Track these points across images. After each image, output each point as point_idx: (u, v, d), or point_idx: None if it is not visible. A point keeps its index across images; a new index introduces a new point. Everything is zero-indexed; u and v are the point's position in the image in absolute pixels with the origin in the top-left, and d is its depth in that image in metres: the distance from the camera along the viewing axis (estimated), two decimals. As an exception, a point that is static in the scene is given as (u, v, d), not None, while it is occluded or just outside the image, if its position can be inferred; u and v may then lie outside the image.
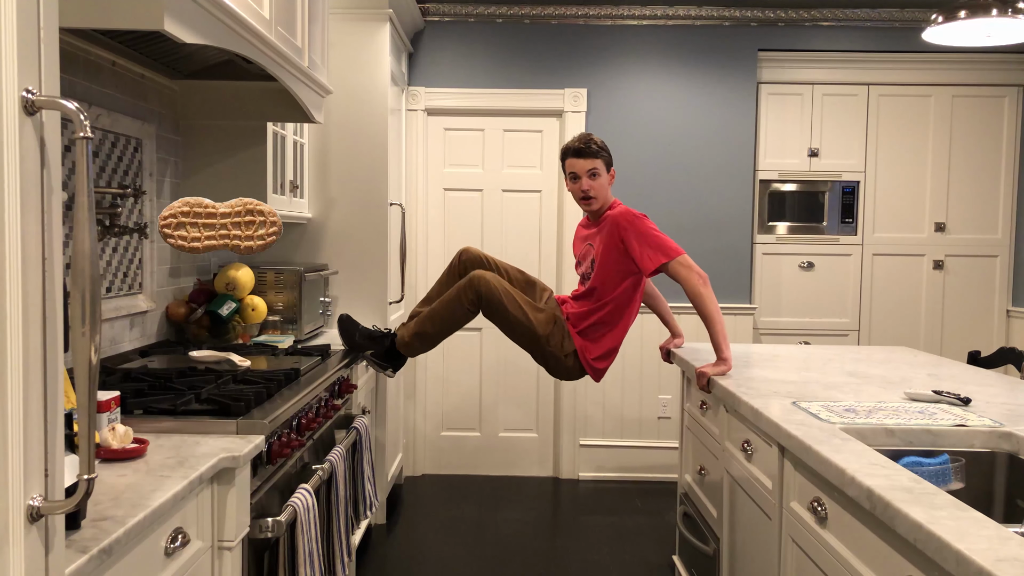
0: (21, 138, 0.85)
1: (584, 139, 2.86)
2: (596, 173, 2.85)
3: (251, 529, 1.68)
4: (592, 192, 2.86)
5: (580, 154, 2.84)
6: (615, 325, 2.93)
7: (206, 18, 1.77)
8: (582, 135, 2.90)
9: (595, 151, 2.85)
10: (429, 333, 2.86)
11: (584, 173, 2.84)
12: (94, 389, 0.95)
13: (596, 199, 2.87)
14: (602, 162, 2.86)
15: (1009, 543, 1.13)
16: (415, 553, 3.45)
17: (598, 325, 2.90)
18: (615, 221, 2.84)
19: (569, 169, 2.88)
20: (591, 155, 2.84)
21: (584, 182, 2.85)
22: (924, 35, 2.91)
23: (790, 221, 4.52)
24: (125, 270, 2.50)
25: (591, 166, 2.84)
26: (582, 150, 2.84)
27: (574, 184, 2.89)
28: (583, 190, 2.86)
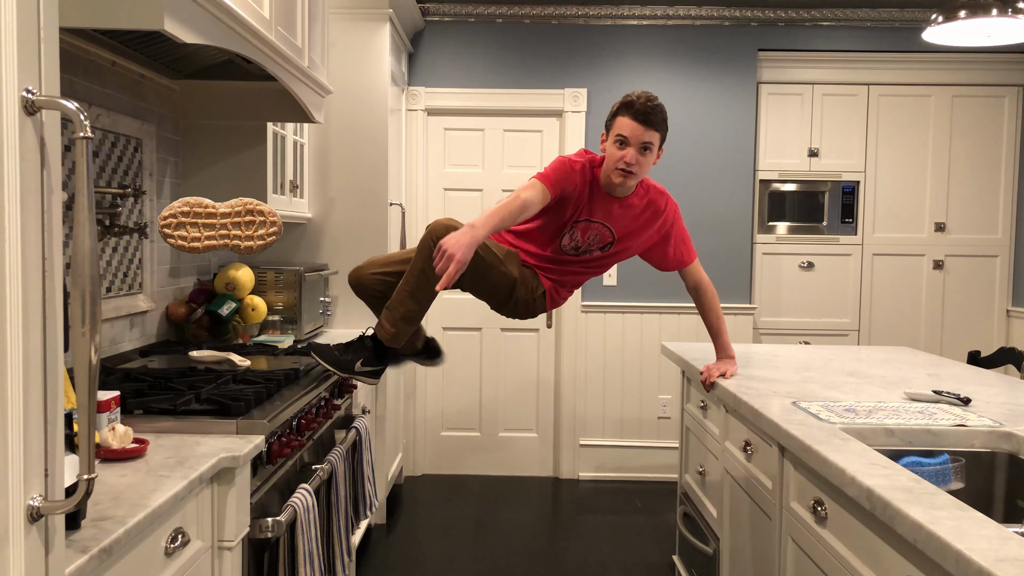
0: (21, 138, 0.85)
1: (651, 100, 2.31)
2: (649, 148, 2.33)
3: (251, 529, 1.68)
4: (636, 169, 2.33)
5: (642, 119, 2.30)
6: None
7: (206, 18, 1.77)
8: (646, 93, 2.33)
9: (660, 122, 2.33)
10: (413, 309, 2.26)
11: (637, 144, 2.31)
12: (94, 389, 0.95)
13: (635, 177, 2.36)
14: (660, 138, 2.35)
15: (1009, 543, 1.13)
16: (415, 553, 3.45)
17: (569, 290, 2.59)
18: (669, 212, 2.51)
19: (619, 130, 2.32)
20: (654, 125, 2.31)
21: (632, 154, 2.31)
22: (924, 35, 2.91)
23: (790, 221, 4.52)
24: (125, 270, 2.50)
25: (649, 139, 2.31)
26: (647, 115, 2.29)
27: (619, 150, 2.32)
28: (628, 163, 2.31)
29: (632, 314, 4.46)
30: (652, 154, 2.36)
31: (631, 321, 4.47)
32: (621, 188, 2.42)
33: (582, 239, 2.48)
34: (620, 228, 2.49)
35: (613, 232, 2.49)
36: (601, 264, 2.56)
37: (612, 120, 2.37)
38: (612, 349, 4.47)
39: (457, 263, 2.01)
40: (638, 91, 2.35)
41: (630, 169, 2.32)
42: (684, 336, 4.44)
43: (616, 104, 2.37)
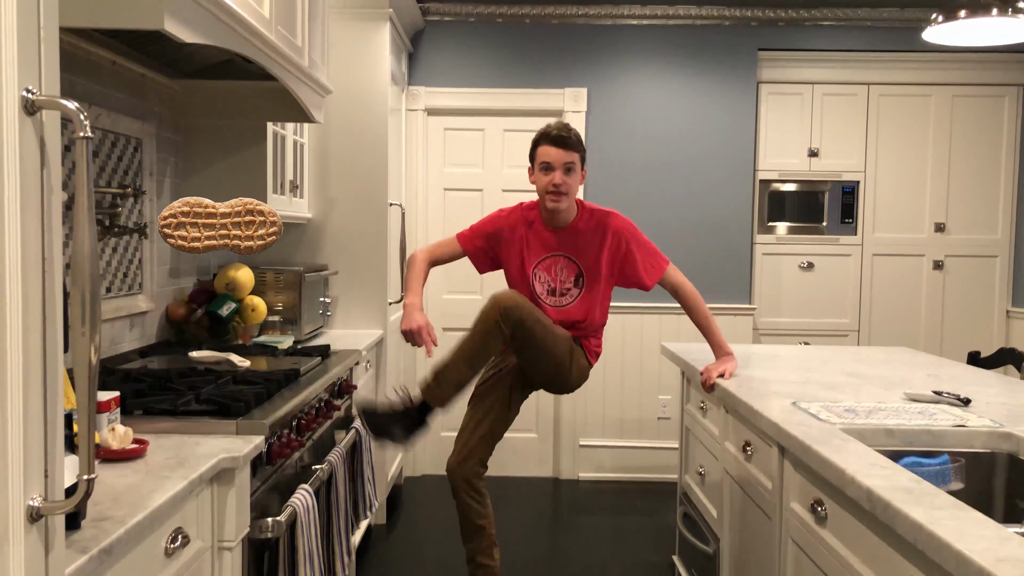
0: (21, 138, 0.85)
1: (564, 127, 2.55)
2: (572, 168, 2.53)
3: (251, 529, 1.68)
4: (565, 188, 2.52)
5: (560, 143, 2.51)
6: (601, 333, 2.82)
7: (206, 18, 1.77)
8: (560, 122, 2.58)
9: (575, 143, 2.54)
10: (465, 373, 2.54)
11: (560, 165, 2.51)
12: (94, 389, 0.95)
13: (567, 197, 2.54)
14: (579, 158, 2.56)
15: (1009, 543, 1.13)
16: (415, 553, 3.45)
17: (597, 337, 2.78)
18: (618, 227, 2.61)
19: (542, 158, 2.54)
20: (571, 147, 2.52)
21: (558, 175, 2.51)
22: (924, 35, 2.91)
23: (790, 221, 4.52)
24: (125, 270, 2.50)
25: (569, 159, 2.52)
26: (563, 139, 2.52)
27: (545, 176, 2.53)
28: (556, 184, 2.50)
29: (632, 314, 4.46)
30: (576, 173, 2.55)
31: (631, 321, 4.47)
32: (561, 215, 2.59)
33: (552, 279, 2.63)
34: (578, 254, 2.61)
35: (575, 260, 2.61)
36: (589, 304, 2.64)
37: (534, 152, 2.58)
38: (612, 349, 4.47)
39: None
40: (551, 122, 2.60)
41: (560, 189, 2.51)
42: (684, 336, 4.44)
43: (534, 139, 2.59)
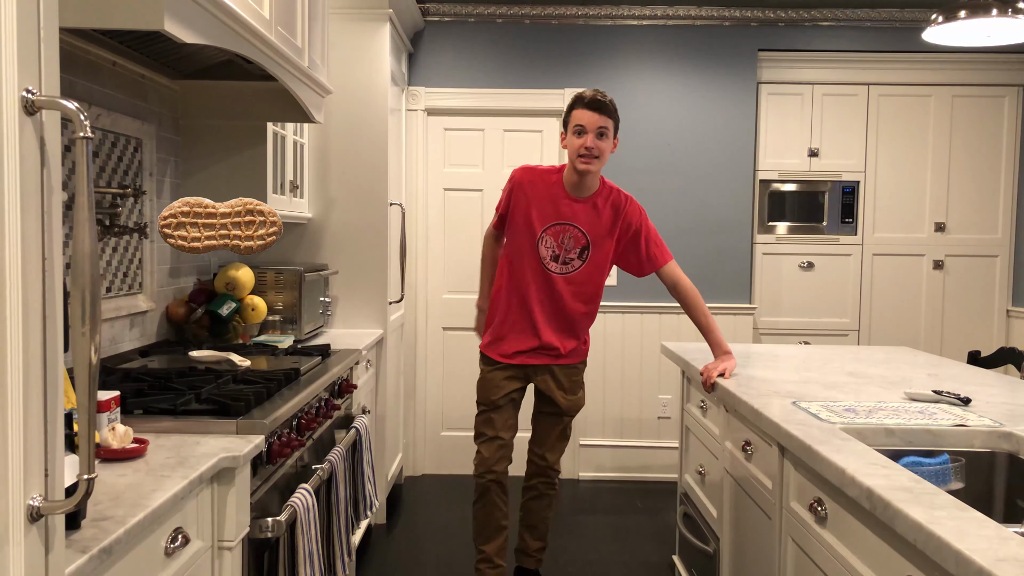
0: (21, 138, 0.85)
1: (600, 93, 2.58)
2: (605, 133, 2.57)
3: (251, 529, 1.68)
4: (596, 151, 2.56)
5: (595, 107, 2.55)
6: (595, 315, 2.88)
7: (206, 18, 1.77)
8: (598, 90, 2.61)
9: (610, 109, 2.57)
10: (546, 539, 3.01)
11: (593, 129, 2.55)
12: (94, 389, 0.95)
13: (598, 161, 2.57)
14: (613, 124, 2.59)
15: (1009, 543, 1.13)
16: (415, 553, 3.45)
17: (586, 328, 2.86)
18: (631, 211, 2.68)
19: (576, 121, 2.58)
20: (605, 112, 2.56)
21: (590, 139, 2.55)
22: (924, 35, 2.91)
23: (790, 221, 4.52)
24: (125, 270, 2.50)
25: (603, 123, 2.55)
26: (598, 104, 2.55)
27: (578, 139, 2.57)
28: (588, 147, 2.55)
29: (632, 314, 4.46)
30: (609, 140, 2.58)
31: (631, 321, 4.47)
32: (586, 182, 2.63)
33: (557, 245, 2.66)
34: (590, 228, 2.66)
35: (585, 233, 2.65)
36: (586, 279, 2.71)
37: (568, 116, 2.61)
38: (612, 349, 4.47)
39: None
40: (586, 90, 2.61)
41: (591, 153, 2.55)
42: (684, 336, 4.44)
43: (568, 104, 2.63)
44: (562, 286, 2.70)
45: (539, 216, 2.67)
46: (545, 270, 2.69)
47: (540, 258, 2.69)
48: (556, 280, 2.70)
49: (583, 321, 2.79)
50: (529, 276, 2.72)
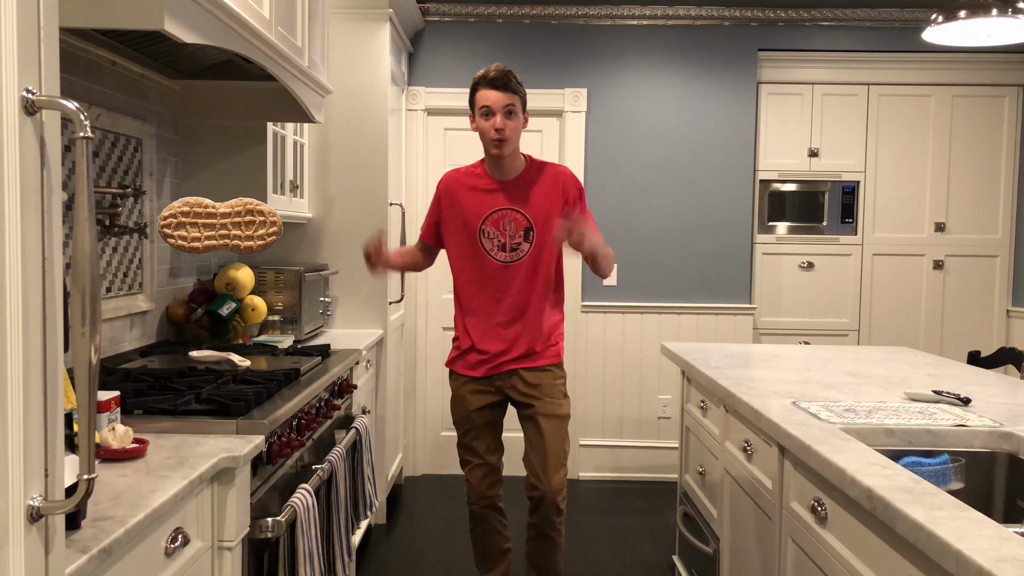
0: (21, 138, 0.85)
1: (501, 70, 2.45)
2: (513, 111, 2.45)
3: (251, 529, 1.68)
4: (507, 132, 2.44)
5: (496, 85, 2.43)
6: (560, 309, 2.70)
7: (206, 18, 1.77)
8: (498, 65, 2.47)
9: (514, 86, 2.45)
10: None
11: (500, 108, 2.43)
12: (94, 389, 0.95)
13: (509, 142, 2.46)
14: (520, 100, 2.47)
15: (1009, 543, 1.13)
16: (415, 553, 3.45)
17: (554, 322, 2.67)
18: (569, 183, 2.56)
19: (481, 103, 2.45)
20: (509, 89, 2.44)
21: (499, 119, 2.43)
22: (924, 35, 2.91)
23: (790, 221, 4.52)
24: (125, 270, 2.50)
25: (509, 101, 2.44)
26: (499, 81, 2.43)
27: (485, 121, 2.45)
28: (498, 127, 2.43)
29: (632, 314, 4.46)
30: (518, 116, 2.47)
31: (631, 321, 4.47)
32: (506, 163, 2.52)
33: (501, 233, 2.54)
34: (527, 206, 2.53)
35: (523, 213, 2.52)
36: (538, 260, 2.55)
37: (472, 97, 2.50)
38: (612, 349, 4.47)
39: None
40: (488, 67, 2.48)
41: (502, 135, 2.43)
42: (684, 336, 4.44)
43: (471, 85, 2.50)
44: (516, 274, 2.56)
45: (472, 211, 2.56)
46: (495, 262, 2.56)
47: (486, 252, 2.56)
48: (509, 269, 2.56)
49: (548, 313, 2.63)
50: (479, 276, 2.58)
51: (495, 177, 2.57)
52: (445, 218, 2.63)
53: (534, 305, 2.58)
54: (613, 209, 4.43)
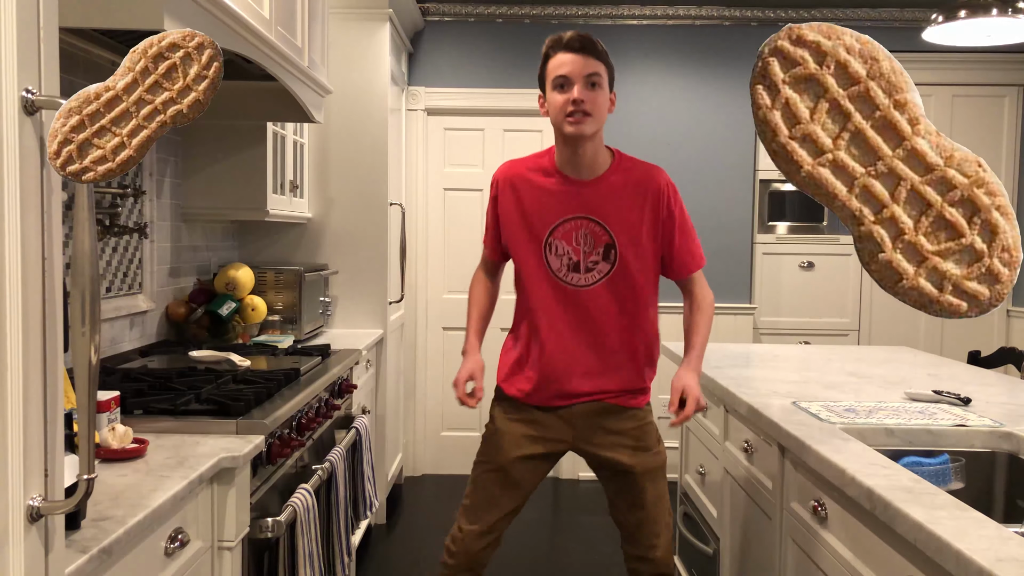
0: (21, 138, 0.85)
1: (581, 34, 1.87)
2: (598, 82, 1.85)
3: (251, 529, 1.68)
4: (589, 106, 1.83)
5: (581, 48, 1.83)
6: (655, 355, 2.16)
7: (206, 18, 1.77)
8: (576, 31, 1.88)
9: (602, 52, 1.87)
10: None
11: (580, 78, 1.82)
12: (94, 389, 0.95)
13: (593, 119, 1.85)
14: (607, 71, 1.88)
15: (1009, 543, 1.13)
16: (415, 553, 3.45)
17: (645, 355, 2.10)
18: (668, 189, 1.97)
19: (555, 72, 1.85)
20: (596, 55, 1.85)
21: (578, 89, 1.82)
22: (924, 35, 2.91)
23: (790, 221, 4.52)
24: (125, 270, 2.50)
25: (593, 69, 1.83)
26: (585, 44, 1.84)
27: (561, 94, 1.84)
28: (577, 99, 1.82)
29: (632, 314, 4.46)
30: (603, 90, 1.87)
31: (631, 321, 4.47)
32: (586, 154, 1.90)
33: (573, 250, 1.95)
34: (608, 215, 1.92)
35: (604, 226, 1.92)
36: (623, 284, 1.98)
37: (543, 68, 1.90)
38: (612, 349, 4.47)
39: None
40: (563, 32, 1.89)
41: (582, 107, 1.82)
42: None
43: (543, 52, 1.91)
44: (593, 302, 1.98)
45: (539, 217, 1.95)
46: (564, 287, 1.97)
47: (552, 273, 1.97)
48: (582, 297, 1.97)
49: (634, 345, 2.07)
50: (545, 302, 2.00)
51: (569, 173, 1.95)
52: (506, 221, 2.03)
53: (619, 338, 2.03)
54: (613, 209, 4.43)
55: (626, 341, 2.03)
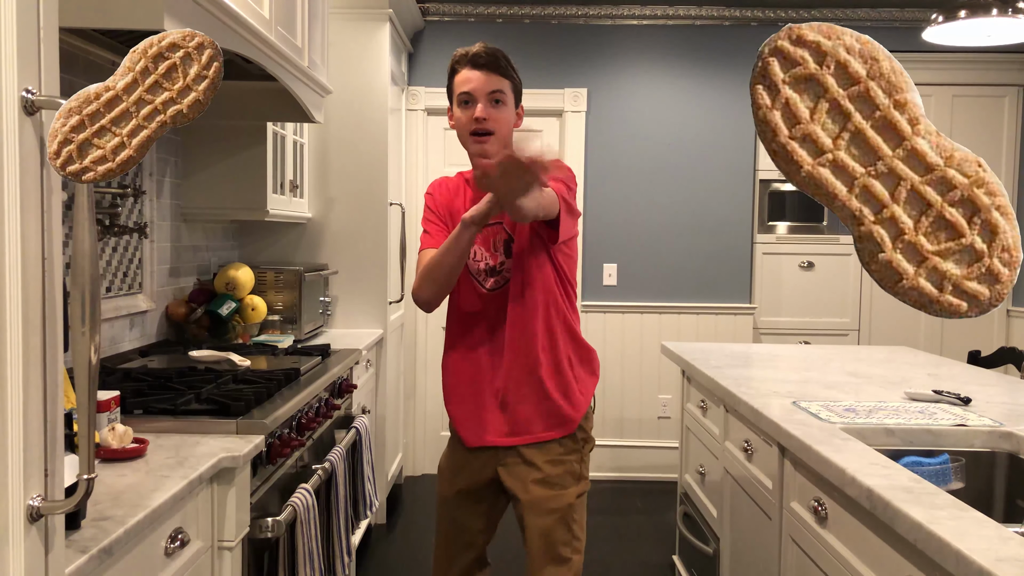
0: (21, 138, 0.85)
1: (487, 48, 1.81)
2: (502, 99, 1.80)
3: (251, 529, 1.68)
4: (492, 124, 1.78)
5: (483, 65, 1.78)
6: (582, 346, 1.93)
7: (206, 18, 1.77)
8: (483, 43, 1.83)
9: (504, 67, 1.81)
10: None
11: (483, 95, 1.78)
12: (94, 389, 0.95)
13: (496, 138, 1.79)
14: (511, 87, 1.83)
15: (1009, 543, 1.13)
16: (415, 553, 3.45)
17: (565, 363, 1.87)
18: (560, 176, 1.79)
19: (459, 89, 1.81)
20: (499, 70, 1.80)
21: (480, 107, 1.77)
22: (924, 35, 2.91)
23: (790, 221, 4.52)
24: (125, 270, 2.50)
25: (496, 86, 1.79)
26: (483, 59, 1.78)
27: (465, 111, 1.80)
28: (479, 117, 1.77)
29: (632, 314, 4.46)
30: (507, 107, 1.81)
31: (631, 321, 4.47)
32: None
33: (488, 251, 1.88)
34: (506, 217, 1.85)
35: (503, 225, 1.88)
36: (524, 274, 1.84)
37: (450, 83, 1.85)
38: (612, 349, 4.47)
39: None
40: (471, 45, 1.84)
41: (484, 126, 1.77)
42: (684, 336, 4.44)
43: (448, 68, 1.86)
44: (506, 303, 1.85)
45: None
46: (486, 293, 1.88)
47: (474, 278, 1.89)
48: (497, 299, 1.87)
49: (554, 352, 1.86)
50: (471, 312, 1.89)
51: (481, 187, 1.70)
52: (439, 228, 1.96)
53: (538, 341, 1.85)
54: (613, 209, 4.43)
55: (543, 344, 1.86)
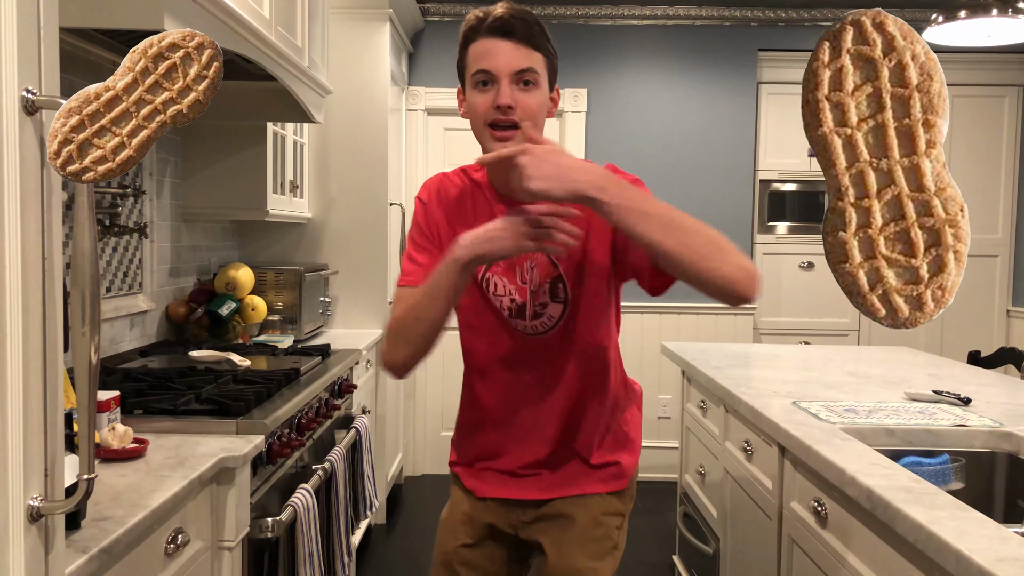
0: (21, 138, 0.85)
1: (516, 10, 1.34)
2: (533, 81, 1.35)
3: (251, 529, 1.68)
4: (519, 113, 1.33)
5: (507, 32, 1.32)
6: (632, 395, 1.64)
7: (206, 18, 1.77)
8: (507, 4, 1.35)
9: (538, 36, 1.35)
10: None
11: (509, 74, 1.32)
12: (94, 389, 0.95)
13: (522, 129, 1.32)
14: (545, 63, 1.38)
15: (1009, 543, 1.13)
16: (415, 553, 3.44)
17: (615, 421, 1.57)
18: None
19: (476, 65, 1.35)
20: (530, 41, 1.34)
21: (505, 91, 1.32)
22: (924, 35, 2.90)
23: (790, 221, 4.52)
24: (125, 270, 2.50)
25: (526, 63, 1.33)
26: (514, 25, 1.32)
27: (483, 94, 1.35)
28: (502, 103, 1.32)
29: (632, 314, 4.46)
30: (540, 89, 1.37)
31: (631, 321, 4.47)
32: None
33: (517, 290, 1.43)
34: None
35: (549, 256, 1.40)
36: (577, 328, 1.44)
37: (462, 58, 1.40)
38: (612, 349, 4.47)
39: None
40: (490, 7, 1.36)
41: (510, 116, 1.33)
42: (684, 336, 4.44)
43: (461, 32, 1.40)
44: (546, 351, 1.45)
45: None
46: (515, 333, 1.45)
47: (501, 319, 1.45)
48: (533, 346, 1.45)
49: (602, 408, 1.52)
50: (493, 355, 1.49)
51: (503, 191, 1.44)
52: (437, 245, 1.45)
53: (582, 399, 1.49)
54: (613, 209, 4.43)
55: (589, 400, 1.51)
